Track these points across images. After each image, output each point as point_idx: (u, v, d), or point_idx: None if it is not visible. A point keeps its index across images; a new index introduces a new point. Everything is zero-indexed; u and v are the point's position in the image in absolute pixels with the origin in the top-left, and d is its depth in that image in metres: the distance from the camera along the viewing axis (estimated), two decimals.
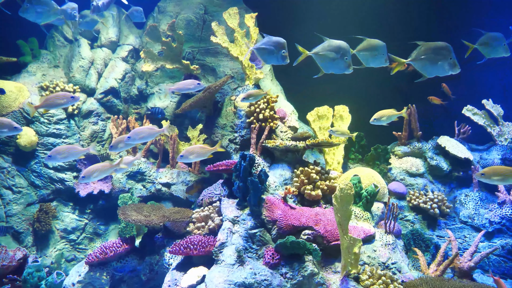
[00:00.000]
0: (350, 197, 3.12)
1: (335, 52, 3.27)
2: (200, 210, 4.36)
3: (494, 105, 5.90)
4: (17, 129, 3.63)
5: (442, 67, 3.07)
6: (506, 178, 3.07)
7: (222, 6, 6.37)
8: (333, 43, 3.30)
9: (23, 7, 3.89)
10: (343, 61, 3.27)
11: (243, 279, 3.20)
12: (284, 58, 3.48)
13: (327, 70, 3.40)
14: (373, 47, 3.33)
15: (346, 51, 3.27)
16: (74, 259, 5.19)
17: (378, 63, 3.36)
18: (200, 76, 6.25)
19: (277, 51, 3.45)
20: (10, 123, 3.59)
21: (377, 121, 4.27)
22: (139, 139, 3.75)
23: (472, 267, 3.92)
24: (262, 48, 3.46)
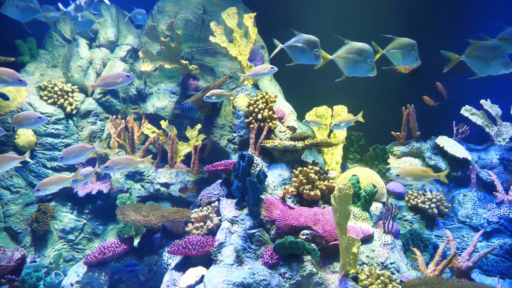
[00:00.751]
0: (348, 197, 3.13)
1: (358, 55, 3.19)
2: (199, 210, 4.35)
3: (492, 105, 5.92)
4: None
5: (495, 66, 3.01)
6: (419, 178, 3.19)
7: (220, 6, 6.37)
8: (356, 46, 3.22)
9: (5, 4, 3.84)
10: (367, 63, 3.21)
11: (241, 279, 3.20)
12: (318, 57, 3.34)
13: (350, 73, 3.32)
14: (404, 46, 3.25)
15: (369, 53, 3.20)
16: (73, 259, 5.18)
17: (409, 62, 3.29)
18: (199, 76, 6.25)
19: (310, 49, 3.31)
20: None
21: (337, 126, 4.35)
22: (72, 158, 3.71)
23: (470, 267, 3.93)
24: (294, 46, 3.32)
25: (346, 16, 6.34)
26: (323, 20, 6.48)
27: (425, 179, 3.21)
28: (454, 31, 6.15)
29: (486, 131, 5.86)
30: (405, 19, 6.15)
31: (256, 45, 6.18)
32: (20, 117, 3.77)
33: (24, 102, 5.31)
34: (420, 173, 3.14)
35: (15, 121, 3.77)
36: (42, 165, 5.30)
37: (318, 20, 6.54)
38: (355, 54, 3.19)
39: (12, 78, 3.54)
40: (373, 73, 3.26)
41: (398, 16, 6.17)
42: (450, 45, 3.31)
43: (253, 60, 6.05)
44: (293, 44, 3.33)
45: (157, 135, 5.88)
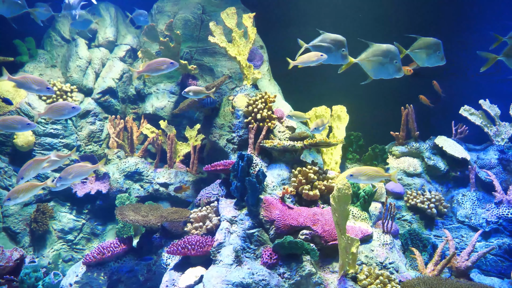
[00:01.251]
0: (347, 197, 3.13)
1: (383, 57, 3.11)
2: (198, 210, 4.35)
3: (491, 105, 5.93)
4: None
5: None
6: (371, 177, 3.23)
7: (220, 6, 6.37)
8: (381, 48, 3.13)
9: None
10: (393, 65, 3.12)
11: (241, 279, 3.20)
12: (344, 57, 3.23)
13: (376, 76, 3.24)
14: (429, 45, 3.19)
15: (395, 54, 3.12)
16: (72, 259, 5.17)
17: (434, 62, 3.22)
18: (198, 76, 6.25)
19: (336, 49, 3.21)
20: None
21: (296, 118, 4.39)
22: (33, 172, 3.68)
23: (469, 267, 3.94)
24: (319, 45, 3.23)
25: (346, 16, 6.34)
26: (323, 20, 6.49)
27: (377, 179, 3.25)
28: (454, 31, 6.15)
29: (485, 131, 5.87)
30: (405, 18, 6.16)
31: (255, 45, 6.18)
32: (153, 64, 3.81)
33: (23, 102, 5.31)
34: (372, 173, 3.19)
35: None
36: None
37: (318, 20, 6.54)
38: (380, 56, 3.12)
39: (40, 85, 3.63)
40: (400, 74, 3.18)
41: (398, 16, 6.18)
42: (450, 44, 3.31)
43: (252, 60, 6.05)
44: (319, 44, 3.25)
45: (156, 135, 5.88)
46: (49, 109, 3.71)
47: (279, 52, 6.63)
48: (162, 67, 3.84)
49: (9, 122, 3.66)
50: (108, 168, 5.61)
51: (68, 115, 3.80)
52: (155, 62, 3.86)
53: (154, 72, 3.93)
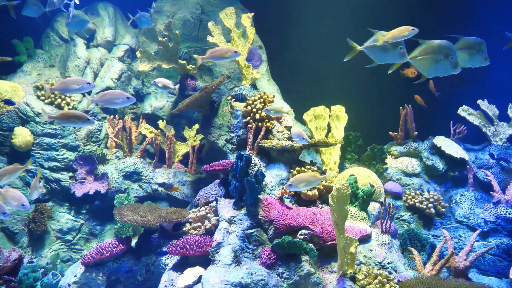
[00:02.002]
0: (346, 197, 3.13)
1: (437, 53, 2.97)
2: (197, 210, 4.35)
3: (489, 105, 5.94)
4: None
5: None
6: (310, 182, 3.26)
7: (218, 6, 6.36)
8: (434, 44, 2.98)
9: None
10: (449, 61, 2.96)
11: (239, 279, 3.20)
12: (402, 55, 3.07)
13: (430, 74, 3.08)
14: (471, 46, 3.05)
15: (450, 49, 2.93)
16: (70, 259, 5.16)
17: (477, 63, 3.09)
18: (197, 76, 6.24)
19: (393, 47, 3.06)
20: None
21: (274, 112, 4.38)
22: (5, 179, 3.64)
23: (467, 267, 3.94)
24: (374, 46, 3.08)
25: (345, 16, 6.34)
26: (322, 20, 6.49)
27: (315, 183, 3.28)
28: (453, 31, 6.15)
29: (483, 131, 5.88)
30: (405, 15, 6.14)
31: (254, 45, 6.18)
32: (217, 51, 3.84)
33: (21, 102, 5.29)
34: (309, 178, 3.23)
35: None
36: (39, 165, 5.28)
37: (317, 20, 6.54)
38: (434, 53, 2.97)
39: (81, 83, 3.63)
40: (457, 70, 3.01)
41: (398, 16, 6.17)
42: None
43: (251, 60, 6.05)
44: (374, 44, 3.11)
45: (154, 135, 5.87)
46: (102, 96, 3.68)
47: (278, 52, 6.63)
48: (227, 55, 3.90)
49: (70, 117, 3.67)
50: (107, 168, 5.60)
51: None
52: (220, 49, 3.91)
53: (218, 60, 3.98)
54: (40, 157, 5.29)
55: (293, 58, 6.60)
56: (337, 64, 6.36)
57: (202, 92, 5.05)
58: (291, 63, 6.61)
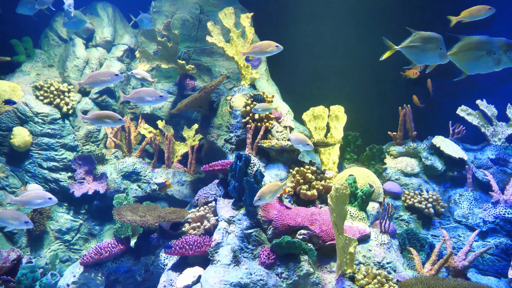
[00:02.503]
0: (345, 197, 3.13)
1: (478, 50, 2.83)
2: (196, 210, 4.35)
3: (488, 105, 5.95)
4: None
5: None
6: (274, 192, 3.27)
7: (217, 6, 6.36)
8: (474, 40, 2.83)
9: None
10: (491, 57, 2.81)
11: (238, 279, 3.20)
12: (443, 56, 2.95)
13: (472, 71, 2.93)
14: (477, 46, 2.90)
15: (492, 45, 2.80)
16: (69, 260, 5.16)
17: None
18: (196, 76, 6.24)
19: (433, 48, 2.93)
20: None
21: (262, 109, 4.34)
22: None
23: (466, 266, 3.95)
24: (412, 46, 2.96)
25: (344, 16, 6.35)
26: (321, 20, 6.50)
27: (278, 191, 3.30)
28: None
29: (482, 131, 5.89)
30: (403, 14, 6.16)
31: None
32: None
33: (20, 102, 5.29)
34: (272, 188, 3.27)
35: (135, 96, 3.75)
36: (38, 165, 5.27)
37: (316, 20, 6.55)
38: (475, 49, 2.84)
39: (109, 75, 3.62)
40: (500, 67, 2.86)
41: (397, 15, 6.18)
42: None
43: (250, 60, 6.05)
44: (412, 45, 3.00)
45: (154, 135, 5.87)
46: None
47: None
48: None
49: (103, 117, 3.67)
50: (106, 168, 5.59)
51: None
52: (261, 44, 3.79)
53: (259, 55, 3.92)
54: (39, 157, 5.28)
55: (292, 58, 6.60)
56: (336, 64, 6.38)
57: (201, 92, 5.05)
58: (290, 63, 6.61)
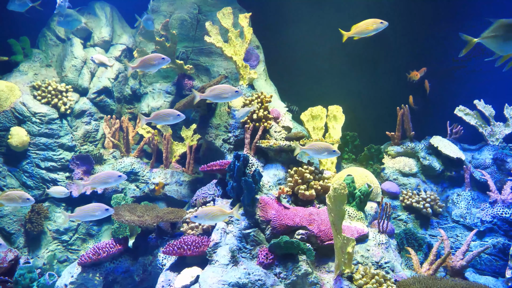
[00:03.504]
0: (343, 196, 3.13)
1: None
2: (194, 210, 4.35)
3: (485, 105, 5.97)
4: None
5: None
6: (215, 217, 3.26)
7: (216, 6, 6.36)
8: (506, 22, 2.63)
9: None
10: None
11: (237, 279, 3.20)
12: None
13: (506, 52, 2.75)
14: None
15: None
16: (67, 260, 5.14)
17: None
18: (194, 75, 6.23)
19: None
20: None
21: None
22: None
23: (464, 266, 3.96)
24: (494, 36, 2.72)
25: (342, 16, 6.35)
26: (319, 20, 6.50)
27: (220, 217, 3.29)
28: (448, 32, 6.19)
29: (479, 131, 5.90)
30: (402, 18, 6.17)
31: (252, 45, 6.18)
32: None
33: (18, 102, 5.27)
34: (215, 212, 3.25)
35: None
36: (36, 165, 5.26)
37: (314, 20, 6.55)
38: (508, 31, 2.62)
39: (157, 59, 3.61)
40: None
41: (395, 15, 6.20)
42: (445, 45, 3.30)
43: (248, 60, 6.06)
44: (493, 35, 2.72)
45: (152, 135, 5.86)
46: (141, 61, 3.65)
47: (276, 52, 6.62)
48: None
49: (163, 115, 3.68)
50: (104, 168, 5.58)
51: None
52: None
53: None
54: (37, 157, 5.27)
55: (291, 58, 6.61)
56: (334, 64, 6.39)
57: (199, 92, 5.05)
58: (289, 63, 6.61)
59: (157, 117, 3.73)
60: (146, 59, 3.67)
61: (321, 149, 3.63)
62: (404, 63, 6.17)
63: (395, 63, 6.29)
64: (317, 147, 3.66)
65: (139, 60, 3.69)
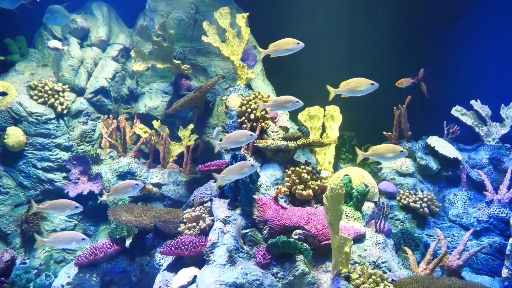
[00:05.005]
0: (341, 196, 3.14)
1: None
2: (191, 211, 4.34)
3: (482, 105, 5.99)
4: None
5: None
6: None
7: (213, 6, 6.35)
8: None
9: None
10: None
11: (234, 279, 3.20)
12: None
13: None
14: None
15: None
16: (63, 260, 5.12)
17: None
18: (191, 75, 6.23)
19: None
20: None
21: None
22: None
23: (460, 266, 3.98)
24: None
25: (340, 16, 6.36)
26: (317, 20, 6.50)
27: None
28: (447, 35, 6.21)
29: (476, 131, 5.93)
30: (399, 17, 6.19)
31: (249, 45, 6.18)
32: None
33: (14, 102, 5.25)
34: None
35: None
36: (32, 165, 5.24)
37: (312, 20, 6.55)
38: None
39: (292, 44, 3.52)
40: None
41: (393, 15, 6.21)
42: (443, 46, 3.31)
43: (245, 60, 6.05)
44: None
45: (149, 135, 5.85)
46: (274, 46, 3.54)
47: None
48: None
49: None
50: (101, 168, 5.57)
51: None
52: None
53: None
54: (33, 157, 5.25)
55: (288, 58, 6.59)
56: (332, 64, 6.39)
57: (197, 92, 5.05)
58: (286, 63, 6.60)
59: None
60: (279, 43, 3.48)
61: (388, 152, 3.47)
62: (403, 63, 6.19)
63: (393, 63, 6.30)
64: (383, 151, 3.49)
65: (272, 45, 3.47)
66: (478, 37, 6.22)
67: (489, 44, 6.22)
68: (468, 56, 6.17)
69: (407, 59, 6.29)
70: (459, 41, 6.28)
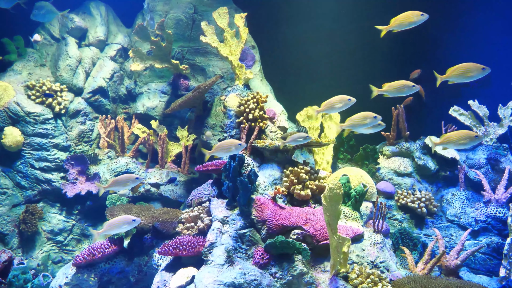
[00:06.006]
0: (339, 196, 3.14)
1: None
2: (190, 211, 4.34)
3: (480, 105, 6.01)
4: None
5: None
6: None
7: (211, 6, 6.35)
8: None
9: None
10: None
11: (232, 279, 3.20)
12: None
13: None
14: None
15: None
16: (61, 261, 5.11)
17: None
18: (190, 75, 6.22)
19: None
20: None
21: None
22: None
23: (458, 265, 3.99)
24: None
25: (338, 15, 6.37)
26: (315, 20, 6.51)
27: None
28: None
29: (473, 131, 5.94)
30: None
31: (247, 45, 6.18)
32: None
33: (12, 101, 5.23)
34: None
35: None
36: (30, 165, 5.22)
37: (310, 20, 6.56)
38: None
39: None
40: None
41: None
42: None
43: (244, 60, 6.05)
44: None
45: (147, 135, 5.84)
46: None
47: (271, 52, 6.63)
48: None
49: None
50: (99, 168, 5.56)
51: None
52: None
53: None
54: (31, 157, 5.23)
55: (286, 58, 6.61)
56: (330, 64, 6.40)
57: (195, 92, 5.04)
58: (284, 63, 6.62)
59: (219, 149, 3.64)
60: None
61: (462, 138, 3.36)
62: (402, 63, 6.21)
63: (392, 63, 6.31)
64: (456, 137, 3.40)
65: None
66: (476, 37, 6.24)
67: (489, 45, 6.24)
68: (467, 55, 6.18)
69: (407, 59, 6.30)
70: (458, 41, 6.30)
